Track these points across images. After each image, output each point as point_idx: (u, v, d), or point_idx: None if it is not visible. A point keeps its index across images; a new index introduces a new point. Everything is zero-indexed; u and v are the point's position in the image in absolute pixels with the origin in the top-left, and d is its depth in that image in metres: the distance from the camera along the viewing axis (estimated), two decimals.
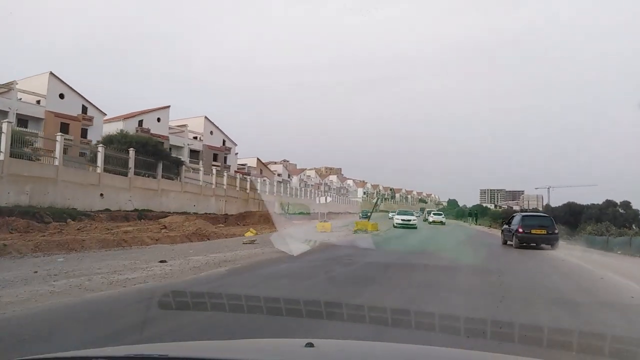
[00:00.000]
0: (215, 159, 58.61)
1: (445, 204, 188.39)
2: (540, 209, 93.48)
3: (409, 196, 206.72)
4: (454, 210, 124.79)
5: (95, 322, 5.47)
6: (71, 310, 5.84)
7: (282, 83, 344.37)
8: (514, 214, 22.33)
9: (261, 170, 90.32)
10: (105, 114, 45.87)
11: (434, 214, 50.82)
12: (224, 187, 41.98)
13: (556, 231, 18.17)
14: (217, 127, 59.60)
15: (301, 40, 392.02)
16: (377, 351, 2.05)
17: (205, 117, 57.98)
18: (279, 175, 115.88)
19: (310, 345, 1.72)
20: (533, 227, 18.00)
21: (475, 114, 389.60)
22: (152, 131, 50.18)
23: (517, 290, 8.34)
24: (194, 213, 35.67)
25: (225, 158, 60.93)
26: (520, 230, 17.94)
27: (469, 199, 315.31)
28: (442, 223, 46.37)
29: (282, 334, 4.33)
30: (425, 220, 51.01)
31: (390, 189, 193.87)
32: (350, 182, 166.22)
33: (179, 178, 34.79)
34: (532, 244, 17.96)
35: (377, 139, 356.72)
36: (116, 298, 6.60)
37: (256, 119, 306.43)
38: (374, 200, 31.42)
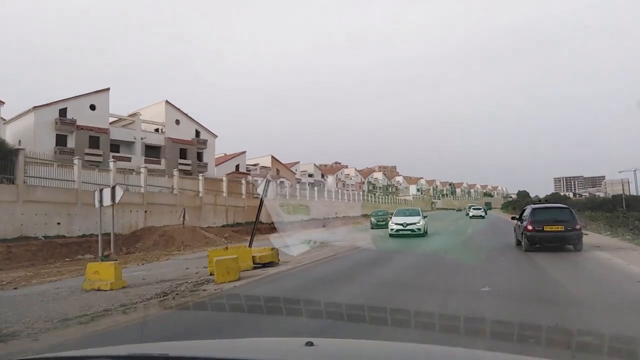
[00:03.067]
0: (183, 156, 44.89)
1: (514, 196, 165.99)
2: (637, 193, 72.13)
3: (472, 190, 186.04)
4: (523, 202, 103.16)
5: None
6: None
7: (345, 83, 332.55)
8: (525, 207, 17.22)
9: (278, 170, 76.25)
10: (3, 102, 33.48)
11: (473, 209, 56.17)
12: (142, 190, 27.78)
13: (578, 226, 14.09)
14: (186, 115, 45.90)
15: (350, 40, 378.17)
16: (377, 350, 1.99)
17: (167, 102, 44.35)
18: (310, 175, 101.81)
19: (310, 344, 1.69)
20: (546, 223, 13.95)
21: (543, 100, 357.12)
22: (80, 123, 37.35)
23: None
24: (51, 238, 21.52)
25: (199, 154, 47.02)
26: (530, 227, 13.99)
27: (542, 189, 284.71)
28: (481, 217, 49.21)
29: None
30: (467, 214, 55.30)
31: (450, 184, 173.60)
32: (400, 178, 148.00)
33: (12, 179, 20.83)
34: (547, 245, 13.92)
35: (435, 134, 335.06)
36: None
37: (308, 120, 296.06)
38: (261, 192, 12.83)
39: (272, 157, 76.81)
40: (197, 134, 47.06)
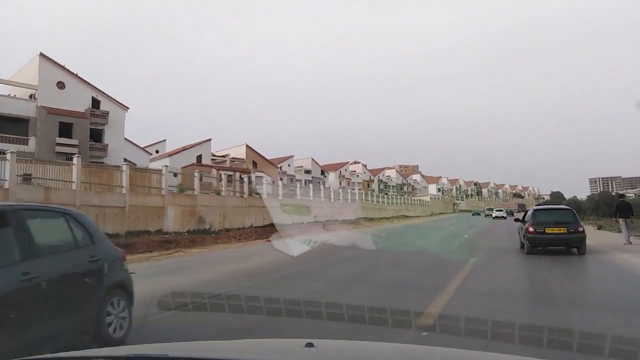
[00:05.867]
0: (67, 133, 31.26)
1: (546, 197, 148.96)
2: None
3: (500, 191, 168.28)
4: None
5: None
6: None
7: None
8: (528, 208, 17.41)
9: (255, 162, 62.38)
10: None
11: (496, 210, 64.14)
12: None
13: (581, 229, 13.33)
14: (76, 75, 32.29)
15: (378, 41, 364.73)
16: (377, 351, 1.98)
17: (42, 55, 30.88)
18: (307, 172, 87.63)
19: (310, 345, 1.68)
20: (548, 225, 13.40)
21: (580, 95, 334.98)
22: None
23: None
24: None
25: (97, 132, 33.36)
26: (531, 229, 13.45)
27: (577, 190, 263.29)
28: (504, 217, 55.37)
29: None
30: (488, 215, 62.31)
31: (475, 184, 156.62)
32: (417, 177, 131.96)
33: None
34: (549, 248, 13.57)
35: (461, 132, 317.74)
36: None
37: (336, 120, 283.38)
38: None
39: (247, 146, 63.21)
40: (96, 103, 33.51)
